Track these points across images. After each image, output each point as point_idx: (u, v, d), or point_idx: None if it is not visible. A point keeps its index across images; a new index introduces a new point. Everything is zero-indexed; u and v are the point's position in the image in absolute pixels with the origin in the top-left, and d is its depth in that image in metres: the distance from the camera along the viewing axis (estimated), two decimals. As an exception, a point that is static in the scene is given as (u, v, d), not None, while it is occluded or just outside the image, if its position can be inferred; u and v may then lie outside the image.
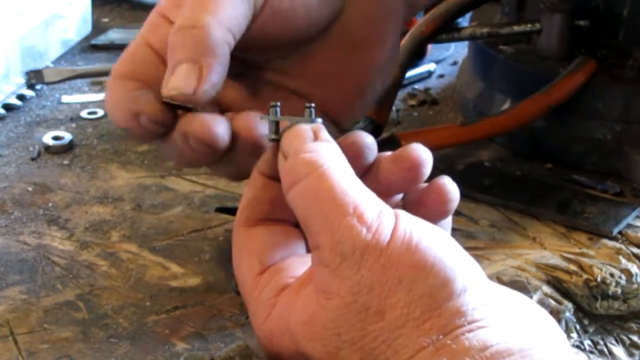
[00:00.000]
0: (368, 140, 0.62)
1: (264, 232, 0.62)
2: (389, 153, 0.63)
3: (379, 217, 0.56)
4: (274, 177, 0.61)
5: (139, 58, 0.67)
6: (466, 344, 0.53)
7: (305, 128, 0.60)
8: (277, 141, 0.61)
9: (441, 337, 0.53)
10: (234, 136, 0.65)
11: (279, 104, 0.61)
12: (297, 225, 0.63)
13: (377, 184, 0.61)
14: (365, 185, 0.58)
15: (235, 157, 0.66)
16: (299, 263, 0.61)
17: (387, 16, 0.73)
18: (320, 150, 0.59)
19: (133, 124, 0.65)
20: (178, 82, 0.63)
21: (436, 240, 0.56)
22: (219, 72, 0.63)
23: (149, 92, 0.65)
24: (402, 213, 0.57)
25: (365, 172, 0.62)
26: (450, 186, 0.62)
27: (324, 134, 0.60)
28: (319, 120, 0.61)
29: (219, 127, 0.64)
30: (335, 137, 0.61)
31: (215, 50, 0.63)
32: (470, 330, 0.54)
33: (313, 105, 0.61)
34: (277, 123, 0.61)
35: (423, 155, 0.62)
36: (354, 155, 0.61)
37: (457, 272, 0.55)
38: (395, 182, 0.62)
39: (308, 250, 0.62)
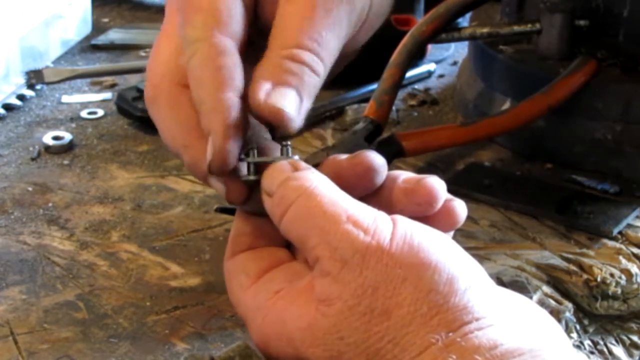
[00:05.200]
0: (375, 163, 0.61)
1: (246, 254, 0.63)
2: (403, 177, 0.62)
3: (375, 221, 0.57)
4: (255, 213, 0.62)
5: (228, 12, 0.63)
6: (475, 342, 0.53)
7: (284, 163, 0.61)
8: (256, 182, 0.61)
9: (450, 334, 0.54)
10: None
11: (256, 146, 0.62)
12: (283, 246, 0.63)
13: (389, 209, 0.60)
14: (375, 206, 0.58)
15: None
16: (291, 271, 0.61)
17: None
18: (304, 176, 0.59)
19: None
20: (285, 101, 0.61)
21: (437, 242, 0.57)
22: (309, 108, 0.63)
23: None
24: (400, 217, 0.58)
25: (374, 193, 0.62)
26: (459, 209, 0.62)
27: (303, 164, 0.61)
28: (296, 157, 0.62)
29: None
30: None
31: (318, 90, 0.63)
32: (480, 328, 0.54)
33: (289, 143, 0.62)
34: (255, 165, 0.62)
35: (436, 191, 0.61)
36: (358, 176, 0.61)
37: (460, 270, 0.55)
38: (406, 211, 0.61)
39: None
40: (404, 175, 0.62)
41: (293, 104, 0.61)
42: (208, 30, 0.62)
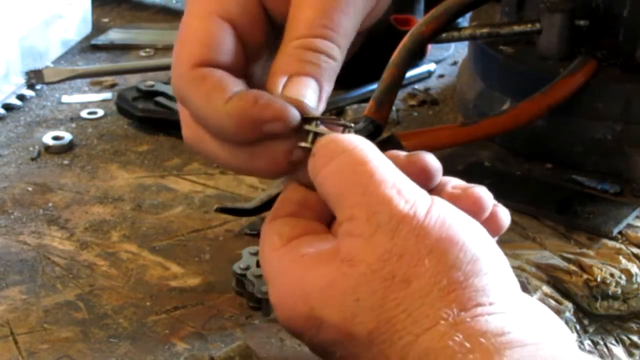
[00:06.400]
0: (431, 166, 0.62)
1: (285, 219, 0.63)
2: (452, 183, 0.63)
3: (416, 195, 0.58)
4: (306, 185, 0.63)
5: (218, 39, 0.63)
6: (484, 326, 0.54)
7: (338, 134, 0.61)
8: (309, 150, 0.62)
9: (462, 313, 0.54)
10: None
11: (320, 117, 0.62)
12: (325, 223, 0.64)
13: None
14: None
15: None
16: (322, 239, 0.61)
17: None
18: (352, 137, 0.60)
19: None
20: (305, 90, 0.62)
21: (468, 225, 0.58)
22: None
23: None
24: (437, 198, 0.59)
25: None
26: (502, 215, 0.62)
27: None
28: None
29: None
30: None
31: (337, 73, 0.63)
32: (491, 313, 0.54)
33: (353, 125, 0.63)
34: (315, 134, 0.62)
35: (483, 200, 0.62)
36: (413, 175, 0.61)
37: (484, 254, 0.57)
38: None
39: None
40: (453, 181, 0.63)
41: (313, 93, 0.62)
42: (191, 66, 0.62)
